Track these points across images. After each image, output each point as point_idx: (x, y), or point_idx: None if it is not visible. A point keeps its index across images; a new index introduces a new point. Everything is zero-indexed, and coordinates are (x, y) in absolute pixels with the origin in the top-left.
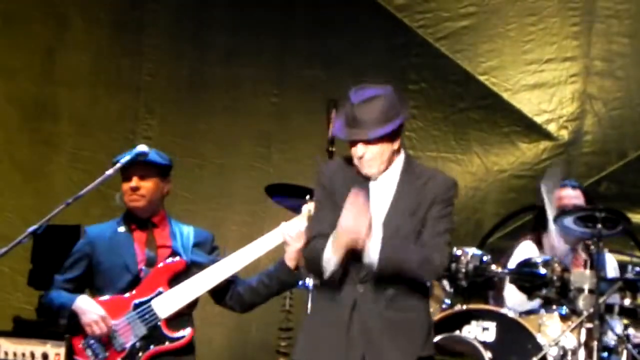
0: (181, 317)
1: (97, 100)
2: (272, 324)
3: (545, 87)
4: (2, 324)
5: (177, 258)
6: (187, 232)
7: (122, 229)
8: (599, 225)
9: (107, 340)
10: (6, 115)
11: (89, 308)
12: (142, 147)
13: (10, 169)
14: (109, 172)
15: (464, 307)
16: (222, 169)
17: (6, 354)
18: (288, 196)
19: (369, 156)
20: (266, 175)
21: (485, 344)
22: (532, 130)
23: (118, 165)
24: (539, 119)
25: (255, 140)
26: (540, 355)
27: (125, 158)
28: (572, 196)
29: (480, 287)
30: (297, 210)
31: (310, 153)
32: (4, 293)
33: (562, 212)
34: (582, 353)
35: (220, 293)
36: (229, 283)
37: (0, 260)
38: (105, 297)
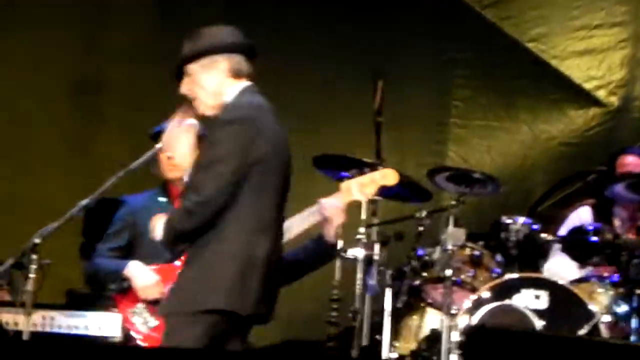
0: None
1: (145, 75)
2: (322, 296)
3: (594, 53)
4: (56, 298)
5: None
6: None
7: (162, 199)
8: None
9: (155, 310)
10: (53, 91)
11: (143, 273)
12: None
13: (58, 145)
14: (158, 145)
15: (515, 275)
16: None
17: (60, 326)
18: (335, 168)
19: None
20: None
21: (536, 312)
22: (581, 97)
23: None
24: (587, 86)
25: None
26: (592, 323)
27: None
28: (638, 163)
29: (530, 256)
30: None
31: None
32: (57, 267)
33: (619, 178)
34: (634, 320)
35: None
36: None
37: (53, 234)
38: (154, 266)
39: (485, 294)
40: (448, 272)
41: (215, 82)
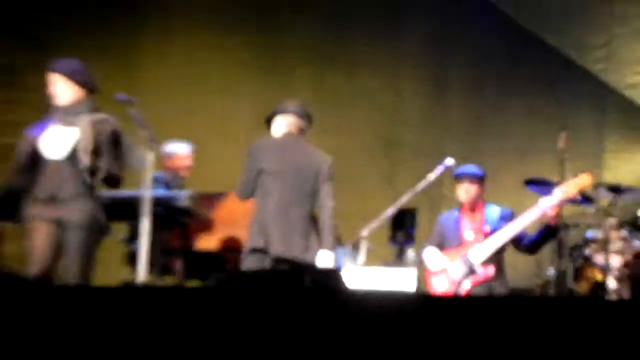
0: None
1: None
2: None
3: None
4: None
5: (487, 228)
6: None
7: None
8: None
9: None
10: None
11: (437, 258)
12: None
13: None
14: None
15: None
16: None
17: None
18: (539, 185)
19: None
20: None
21: None
22: None
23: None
24: None
25: None
26: None
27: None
28: None
29: None
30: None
31: None
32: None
33: None
34: None
35: (515, 244)
36: (518, 238)
37: (374, 230)
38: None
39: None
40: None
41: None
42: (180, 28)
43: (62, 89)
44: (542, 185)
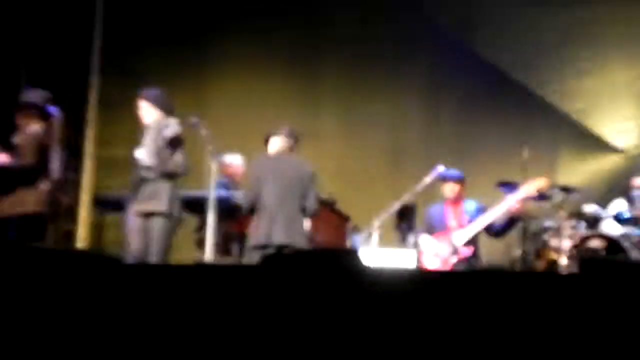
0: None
1: None
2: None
3: None
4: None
5: (466, 218)
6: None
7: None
8: None
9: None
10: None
11: (429, 240)
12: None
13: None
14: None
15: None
16: None
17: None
18: (507, 186)
19: None
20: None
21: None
22: None
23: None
24: None
25: None
26: None
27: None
28: None
29: None
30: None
31: None
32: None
33: None
34: None
35: (487, 231)
36: (489, 226)
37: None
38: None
39: None
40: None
41: None
42: (236, 64)
43: (147, 112)
44: (510, 186)
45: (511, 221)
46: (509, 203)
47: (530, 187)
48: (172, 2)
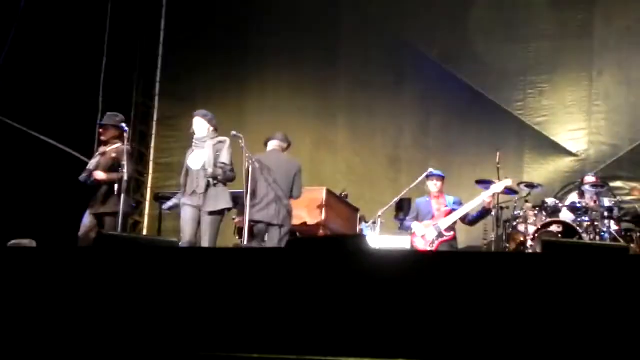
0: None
1: None
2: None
3: None
4: None
5: (447, 208)
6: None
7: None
8: None
9: (423, 236)
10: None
11: (419, 225)
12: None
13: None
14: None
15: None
16: None
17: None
18: (483, 183)
19: None
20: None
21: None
22: None
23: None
24: None
25: None
26: None
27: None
28: None
29: None
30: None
31: None
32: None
33: None
34: None
35: (462, 220)
36: (465, 216)
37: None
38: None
39: None
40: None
41: None
42: (269, 86)
43: (200, 126)
44: (485, 184)
45: (484, 212)
46: (482, 198)
47: (499, 185)
48: (214, 36)
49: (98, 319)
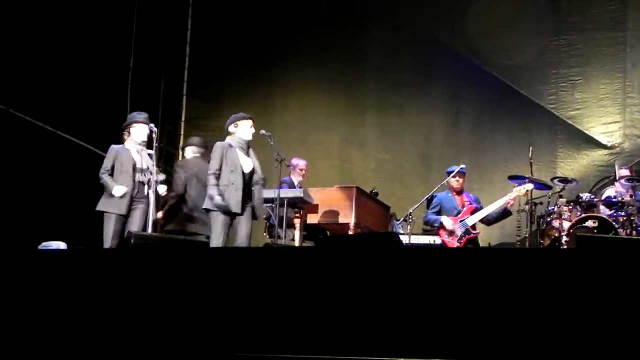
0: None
1: None
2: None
3: None
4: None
5: (471, 205)
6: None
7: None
8: None
9: (453, 231)
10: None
11: (450, 221)
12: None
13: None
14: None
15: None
16: None
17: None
18: (516, 179)
19: None
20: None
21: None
22: None
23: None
24: None
25: None
26: None
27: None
28: None
29: None
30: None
31: None
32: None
33: None
34: None
35: (485, 220)
36: (486, 216)
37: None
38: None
39: None
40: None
41: None
42: (297, 85)
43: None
44: (518, 179)
45: (504, 213)
46: (505, 199)
47: (519, 191)
48: (242, 37)
49: (131, 319)
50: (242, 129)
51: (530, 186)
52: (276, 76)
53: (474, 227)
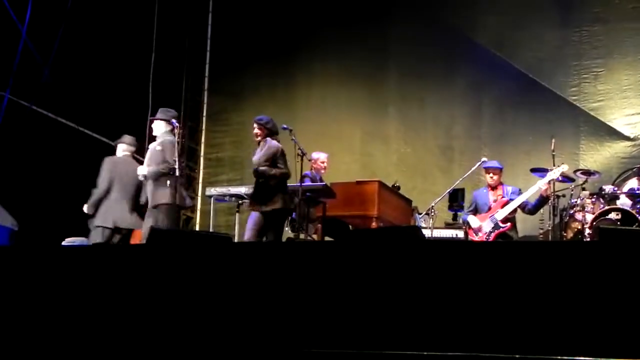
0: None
1: None
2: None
3: None
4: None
5: (504, 199)
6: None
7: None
8: None
9: (480, 229)
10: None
11: (475, 219)
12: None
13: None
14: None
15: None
16: None
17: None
18: (539, 171)
19: None
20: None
21: None
22: None
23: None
24: None
25: None
26: None
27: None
28: None
29: None
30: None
31: None
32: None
33: None
34: None
35: (522, 209)
36: (524, 205)
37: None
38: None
39: None
40: None
41: None
42: (318, 78)
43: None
44: (541, 172)
45: (542, 200)
46: (539, 186)
47: (555, 172)
48: (263, 29)
49: (157, 313)
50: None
51: (565, 167)
52: (297, 70)
53: (504, 220)
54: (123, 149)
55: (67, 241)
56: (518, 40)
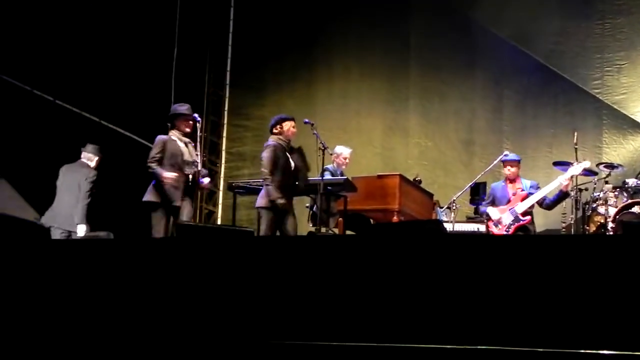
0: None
1: None
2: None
3: None
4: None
5: (524, 192)
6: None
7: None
8: None
9: (499, 221)
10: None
11: (495, 211)
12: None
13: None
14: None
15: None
16: None
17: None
18: (561, 165)
19: None
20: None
21: None
22: None
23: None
24: None
25: None
26: None
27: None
28: None
29: None
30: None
31: None
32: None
33: None
34: None
35: (540, 204)
36: (542, 200)
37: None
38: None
39: None
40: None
41: None
42: (338, 72)
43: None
44: (563, 165)
45: (561, 195)
46: (559, 181)
47: (577, 167)
48: (284, 24)
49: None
50: (286, 130)
51: (587, 164)
52: (318, 64)
53: (524, 214)
54: (83, 156)
55: (89, 235)
56: (539, 33)
